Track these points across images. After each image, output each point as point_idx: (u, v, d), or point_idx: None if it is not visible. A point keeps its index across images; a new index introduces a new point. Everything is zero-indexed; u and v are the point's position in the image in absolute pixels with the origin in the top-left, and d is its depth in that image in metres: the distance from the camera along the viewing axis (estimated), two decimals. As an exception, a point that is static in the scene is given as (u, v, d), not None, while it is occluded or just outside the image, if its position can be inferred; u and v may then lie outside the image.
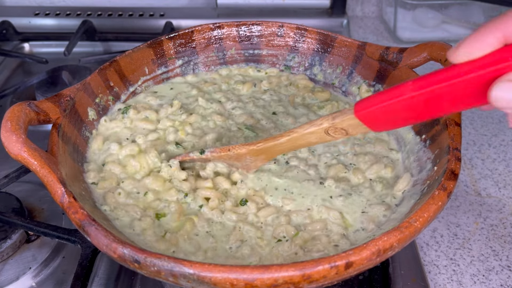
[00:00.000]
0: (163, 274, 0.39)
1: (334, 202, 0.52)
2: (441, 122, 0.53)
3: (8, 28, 1.04)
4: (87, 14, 1.09)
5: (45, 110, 0.52)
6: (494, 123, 0.79)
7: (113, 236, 0.41)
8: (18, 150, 0.45)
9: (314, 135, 0.48)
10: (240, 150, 0.53)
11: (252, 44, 0.73)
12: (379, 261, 0.41)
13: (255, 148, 0.52)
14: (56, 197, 0.45)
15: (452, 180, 0.46)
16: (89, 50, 1.02)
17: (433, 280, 0.56)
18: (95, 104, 0.61)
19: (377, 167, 0.56)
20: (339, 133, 0.46)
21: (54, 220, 0.62)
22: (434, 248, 0.60)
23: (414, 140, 0.58)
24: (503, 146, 0.75)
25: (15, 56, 0.98)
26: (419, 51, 0.60)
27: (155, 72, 0.69)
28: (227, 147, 0.54)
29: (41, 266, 0.58)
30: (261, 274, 0.38)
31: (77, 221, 0.43)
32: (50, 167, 0.45)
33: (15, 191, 0.65)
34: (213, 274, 0.38)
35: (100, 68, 0.62)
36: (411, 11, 1.04)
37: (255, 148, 0.52)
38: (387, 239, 0.40)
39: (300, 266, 0.38)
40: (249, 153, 0.53)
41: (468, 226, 0.63)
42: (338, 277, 0.39)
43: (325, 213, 0.51)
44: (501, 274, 0.57)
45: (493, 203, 0.65)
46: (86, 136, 0.59)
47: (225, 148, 0.54)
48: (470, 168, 0.71)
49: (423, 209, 0.43)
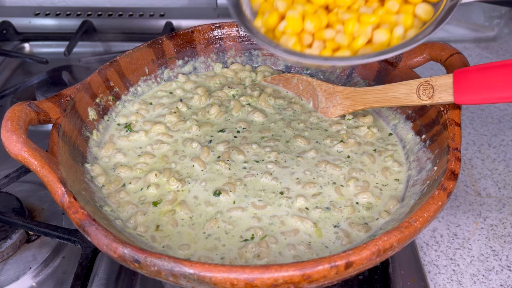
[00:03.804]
0: (163, 274, 0.39)
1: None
2: (441, 122, 0.54)
3: (8, 28, 1.04)
4: (87, 14, 1.09)
5: (46, 110, 0.52)
6: (494, 123, 0.79)
7: (113, 236, 0.41)
8: (19, 150, 0.45)
9: (406, 87, 0.53)
10: (336, 88, 0.63)
11: (252, 44, 0.73)
12: (379, 261, 0.41)
13: (349, 90, 0.61)
14: (57, 197, 0.45)
15: (452, 180, 0.46)
16: (89, 50, 1.02)
17: (433, 280, 0.56)
18: (96, 104, 0.61)
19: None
20: (427, 95, 0.51)
21: (54, 220, 0.62)
22: (434, 248, 0.60)
23: (414, 140, 0.58)
24: (503, 146, 0.75)
25: (15, 56, 0.98)
26: (419, 51, 0.60)
27: (155, 72, 0.69)
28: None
29: (41, 266, 0.58)
30: (261, 274, 0.38)
31: (77, 221, 0.43)
32: (50, 167, 0.45)
33: (15, 191, 0.65)
34: (213, 274, 0.38)
35: (100, 68, 0.62)
36: (411, 11, 1.04)
37: (350, 90, 0.61)
38: (387, 239, 0.40)
39: (300, 266, 0.38)
40: (342, 91, 0.61)
41: (468, 226, 0.63)
42: (338, 277, 0.39)
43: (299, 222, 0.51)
44: (501, 274, 0.57)
45: (493, 203, 0.66)
46: (86, 136, 0.59)
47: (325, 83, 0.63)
48: (470, 168, 0.71)
49: (423, 209, 0.43)
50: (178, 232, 0.50)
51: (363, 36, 0.45)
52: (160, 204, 0.53)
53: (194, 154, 0.59)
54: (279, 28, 0.46)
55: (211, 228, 0.50)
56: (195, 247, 0.49)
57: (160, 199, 0.54)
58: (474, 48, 0.97)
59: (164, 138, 0.62)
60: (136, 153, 0.60)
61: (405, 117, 0.61)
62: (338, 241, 0.49)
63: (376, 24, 0.45)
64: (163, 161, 0.59)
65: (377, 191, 0.55)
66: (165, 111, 0.66)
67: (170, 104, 0.67)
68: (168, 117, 0.65)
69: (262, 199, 0.53)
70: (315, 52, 0.46)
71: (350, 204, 0.53)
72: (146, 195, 0.54)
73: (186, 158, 0.59)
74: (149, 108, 0.67)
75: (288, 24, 0.46)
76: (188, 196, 0.54)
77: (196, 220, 0.52)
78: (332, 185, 0.55)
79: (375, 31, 0.45)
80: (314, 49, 0.46)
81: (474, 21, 1.01)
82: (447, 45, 0.59)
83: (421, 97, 0.52)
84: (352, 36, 0.45)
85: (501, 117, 0.80)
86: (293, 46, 0.46)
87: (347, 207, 0.52)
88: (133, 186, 0.56)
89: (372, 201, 0.53)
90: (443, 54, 0.58)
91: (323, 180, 0.56)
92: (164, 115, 0.65)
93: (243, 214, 0.52)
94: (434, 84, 0.52)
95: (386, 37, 0.45)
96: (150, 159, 0.59)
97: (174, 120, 0.64)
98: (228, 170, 0.57)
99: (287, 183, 0.55)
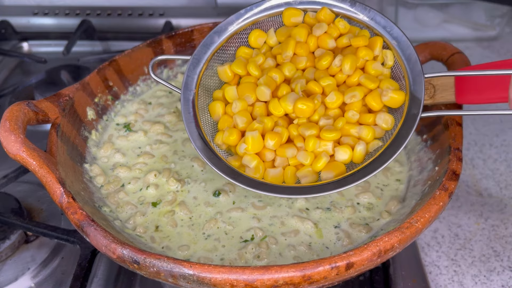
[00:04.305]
0: (162, 275, 0.39)
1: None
2: (442, 122, 0.53)
3: (7, 28, 1.03)
4: (86, 14, 1.09)
5: (44, 109, 0.52)
6: (496, 123, 0.79)
7: (112, 236, 0.41)
8: (17, 150, 0.45)
9: None
10: None
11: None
12: (380, 261, 0.40)
13: None
14: (55, 197, 0.45)
15: (453, 180, 0.46)
16: (88, 50, 1.02)
17: (434, 281, 0.56)
18: (94, 104, 0.61)
19: None
20: (428, 94, 0.51)
21: (53, 221, 0.62)
22: (435, 249, 0.60)
23: (415, 140, 0.58)
24: (504, 146, 0.74)
25: (13, 55, 0.97)
26: (420, 51, 0.60)
27: (154, 72, 0.69)
28: None
29: (40, 266, 0.57)
30: (261, 275, 0.37)
31: (76, 222, 0.43)
32: (49, 167, 0.45)
33: (14, 191, 0.65)
34: (213, 275, 0.38)
35: (99, 68, 0.62)
36: (412, 10, 1.03)
37: None
38: (388, 239, 0.40)
39: (300, 267, 0.38)
40: None
41: (469, 227, 0.62)
42: (339, 278, 0.39)
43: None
44: (502, 274, 0.57)
45: (495, 204, 0.65)
46: (85, 136, 0.58)
47: None
48: (472, 168, 0.71)
49: (424, 210, 0.43)
50: (177, 233, 0.50)
51: (324, 157, 0.47)
52: (160, 204, 0.53)
53: (193, 154, 0.59)
54: (240, 150, 0.49)
55: (210, 229, 0.50)
56: (194, 247, 0.49)
57: (159, 200, 0.53)
58: (475, 48, 0.97)
59: (163, 138, 0.62)
60: (135, 153, 0.60)
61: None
62: (339, 242, 0.49)
63: (338, 138, 0.48)
64: (162, 161, 0.58)
65: (378, 191, 0.54)
66: (165, 110, 0.66)
67: (170, 104, 0.67)
68: (167, 117, 0.64)
69: (262, 200, 0.53)
70: (278, 172, 0.49)
71: (351, 204, 0.53)
72: (145, 196, 0.54)
73: (186, 158, 0.59)
74: (148, 107, 0.67)
75: (248, 146, 0.48)
76: (187, 196, 0.54)
77: (196, 220, 0.51)
78: None
79: (336, 148, 0.48)
80: (276, 167, 0.49)
81: (475, 20, 1.01)
82: (448, 44, 0.59)
83: None
84: (314, 154, 0.48)
85: (502, 117, 0.80)
86: (254, 167, 0.48)
87: (347, 207, 0.52)
88: (132, 187, 0.55)
89: (373, 202, 0.53)
90: (445, 53, 0.58)
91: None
92: (164, 114, 0.65)
93: (243, 214, 0.52)
94: (435, 83, 0.51)
95: (348, 155, 0.47)
96: (149, 159, 0.59)
97: (173, 120, 0.64)
98: None
99: None
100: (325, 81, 0.49)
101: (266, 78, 0.50)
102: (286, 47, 0.51)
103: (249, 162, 0.48)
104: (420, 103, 0.47)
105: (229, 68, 0.53)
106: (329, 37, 0.51)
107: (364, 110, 0.50)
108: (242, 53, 0.54)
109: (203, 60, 0.54)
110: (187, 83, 0.53)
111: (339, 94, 0.49)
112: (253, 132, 0.48)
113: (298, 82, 0.50)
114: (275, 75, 0.51)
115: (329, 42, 0.51)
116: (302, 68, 0.52)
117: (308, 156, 0.48)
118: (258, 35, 0.54)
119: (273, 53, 0.53)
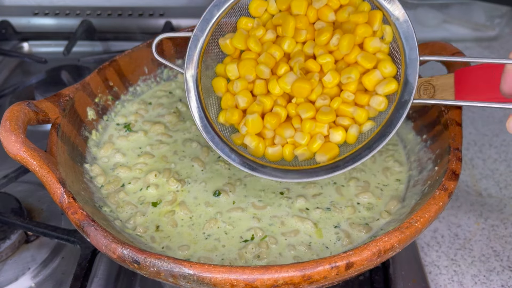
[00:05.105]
0: (162, 274, 0.39)
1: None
2: (442, 122, 0.53)
3: (7, 28, 1.03)
4: (87, 14, 1.09)
5: (44, 109, 0.52)
6: (495, 123, 0.79)
7: (113, 236, 0.41)
8: (17, 150, 0.45)
9: None
10: None
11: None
12: (380, 261, 0.40)
13: None
14: (55, 197, 0.45)
15: (453, 180, 0.46)
16: (88, 50, 1.02)
17: (434, 281, 0.56)
18: (95, 104, 0.61)
19: None
20: (428, 94, 0.51)
21: (53, 221, 0.62)
22: (435, 249, 0.60)
23: (415, 140, 0.58)
24: (504, 146, 0.74)
25: (14, 55, 0.97)
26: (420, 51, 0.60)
27: (154, 72, 0.69)
28: None
29: (40, 266, 0.58)
30: (261, 275, 0.37)
31: (76, 222, 0.43)
32: (49, 167, 0.45)
33: (14, 191, 0.65)
34: (213, 274, 0.38)
35: (99, 68, 0.62)
36: (412, 11, 1.03)
37: None
38: (387, 239, 0.40)
39: (300, 267, 0.38)
40: None
41: (469, 227, 0.62)
42: (339, 278, 0.39)
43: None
44: (502, 274, 0.57)
45: (494, 204, 0.65)
46: (85, 136, 0.59)
47: None
48: (471, 168, 0.71)
49: (424, 210, 0.43)
50: (177, 233, 0.50)
51: (319, 139, 0.49)
52: (160, 204, 0.53)
53: (193, 154, 0.59)
54: (241, 130, 0.51)
55: (210, 229, 0.50)
56: (194, 247, 0.49)
57: (159, 200, 0.53)
58: (475, 48, 0.97)
59: (163, 138, 0.62)
60: (135, 153, 0.60)
61: (406, 117, 0.61)
62: (339, 242, 0.49)
63: (332, 121, 0.50)
64: (162, 161, 0.58)
65: (378, 191, 0.54)
66: (165, 111, 0.66)
67: (170, 104, 0.67)
68: (167, 117, 0.64)
69: (262, 200, 0.53)
70: (277, 149, 0.51)
71: (351, 204, 0.53)
72: (145, 196, 0.54)
73: (186, 158, 0.59)
74: (148, 108, 0.67)
75: (249, 129, 0.50)
76: (187, 196, 0.54)
77: (196, 220, 0.51)
78: (332, 185, 0.55)
79: (331, 130, 0.50)
80: (276, 144, 0.51)
81: (475, 21, 1.01)
82: (448, 44, 0.59)
83: (422, 96, 0.52)
84: (310, 135, 0.50)
85: (502, 117, 0.80)
86: (255, 146, 0.51)
87: (347, 207, 0.52)
88: (133, 186, 0.55)
89: (372, 202, 0.53)
90: (444, 53, 0.58)
91: (324, 180, 0.55)
92: (164, 115, 0.65)
93: (243, 214, 0.52)
94: (435, 83, 0.51)
95: (341, 137, 0.49)
96: (149, 159, 0.59)
97: (173, 120, 0.64)
98: (228, 170, 0.57)
99: (287, 183, 0.55)
100: (323, 59, 0.50)
101: (265, 56, 0.51)
102: (286, 28, 0.51)
103: (250, 142, 0.50)
104: (412, 89, 0.47)
105: (230, 42, 0.53)
106: (329, 9, 0.51)
107: (361, 87, 0.50)
108: (243, 24, 0.53)
109: (203, 36, 0.54)
110: (189, 60, 0.53)
111: (336, 74, 0.49)
112: (253, 115, 0.50)
113: (297, 60, 0.50)
114: (274, 52, 0.51)
115: (329, 15, 0.51)
116: (302, 41, 0.52)
117: (305, 137, 0.49)
118: (259, 4, 0.53)
119: (273, 22, 0.53)
